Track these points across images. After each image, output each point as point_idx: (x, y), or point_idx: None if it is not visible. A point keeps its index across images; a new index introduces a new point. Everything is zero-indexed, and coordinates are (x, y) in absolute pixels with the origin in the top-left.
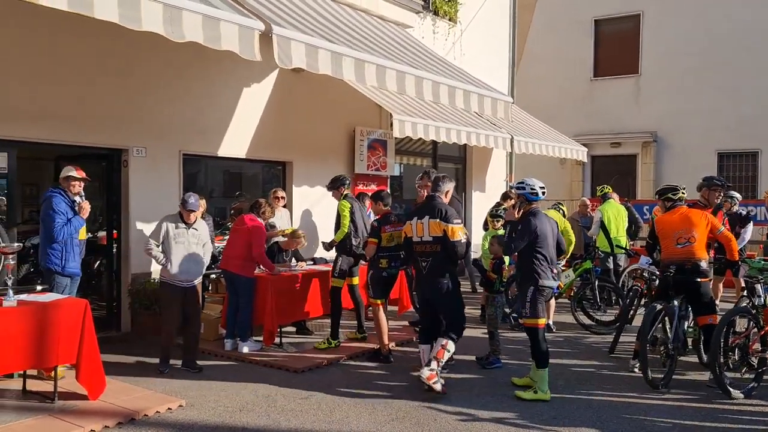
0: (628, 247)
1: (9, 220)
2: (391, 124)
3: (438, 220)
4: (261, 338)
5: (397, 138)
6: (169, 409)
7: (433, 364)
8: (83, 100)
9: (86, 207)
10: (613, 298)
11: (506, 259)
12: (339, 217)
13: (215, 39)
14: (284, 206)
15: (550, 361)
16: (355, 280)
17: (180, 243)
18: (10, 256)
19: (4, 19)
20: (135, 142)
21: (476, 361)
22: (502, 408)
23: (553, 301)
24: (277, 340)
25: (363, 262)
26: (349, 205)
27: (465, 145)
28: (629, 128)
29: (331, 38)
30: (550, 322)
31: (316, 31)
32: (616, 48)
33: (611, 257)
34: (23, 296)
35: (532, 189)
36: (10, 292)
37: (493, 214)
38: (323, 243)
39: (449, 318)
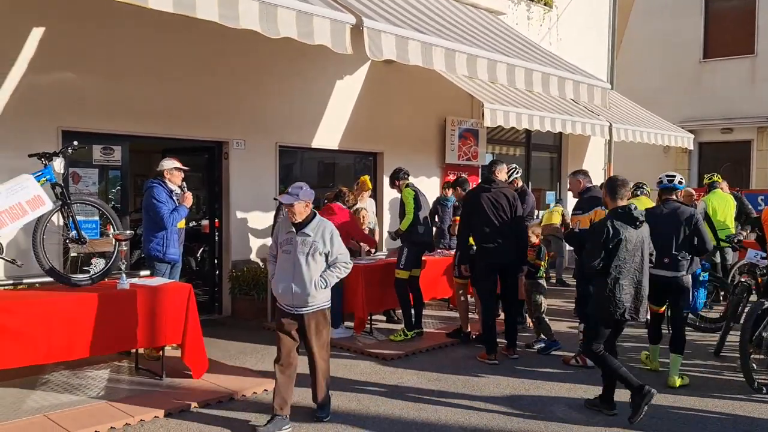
0: (738, 239)
1: (122, 209)
2: (482, 114)
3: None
4: (352, 325)
5: (489, 127)
6: (265, 390)
7: None
8: (188, 96)
9: (189, 197)
10: (721, 294)
11: None
12: (403, 206)
13: (308, 34)
14: (371, 196)
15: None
16: (417, 272)
17: (285, 252)
18: (123, 243)
19: (117, 24)
20: (235, 135)
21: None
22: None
23: None
24: (367, 327)
25: (428, 253)
26: (413, 193)
27: (560, 133)
28: (743, 113)
29: (421, 28)
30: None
31: (406, 22)
32: (730, 27)
33: (718, 251)
34: (134, 280)
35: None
36: (124, 276)
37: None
38: (389, 233)
39: None
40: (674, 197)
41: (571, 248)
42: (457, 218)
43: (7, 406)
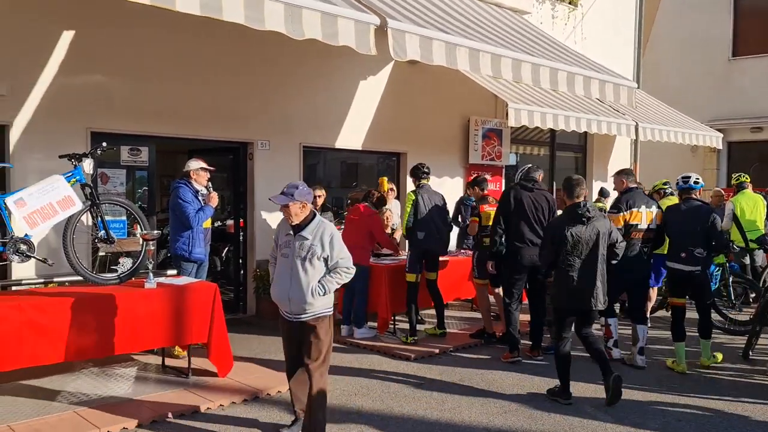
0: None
1: (149, 209)
2: (507, 113)
3: (660, 210)
4: (375, 325)
5: (513, 127)
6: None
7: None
8: (213, 97)
9: (215, 197)
10: (751, 296)
11: None
12: None
13: (333, 35)
14: (396, 197)
15: None
16: (432, 275)
17: (283, 256)
18: (151, 242)
19: (144, 27)
20: (260, 135)
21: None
22: (620, 406)
23: (653, 293)
24: (390, 327)
25: (442, 257)
26: (413, 198)
27: (585, 133)
28: None
29: (446, 28)
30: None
31: (430, 22)
32: (759, 24)
33: (747, 253)
34: (161, 279)
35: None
36: (151, 275)
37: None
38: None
39: (644, 301)
40: (694, 196)
41: None
42: (475, 219)
43: (38, 402)
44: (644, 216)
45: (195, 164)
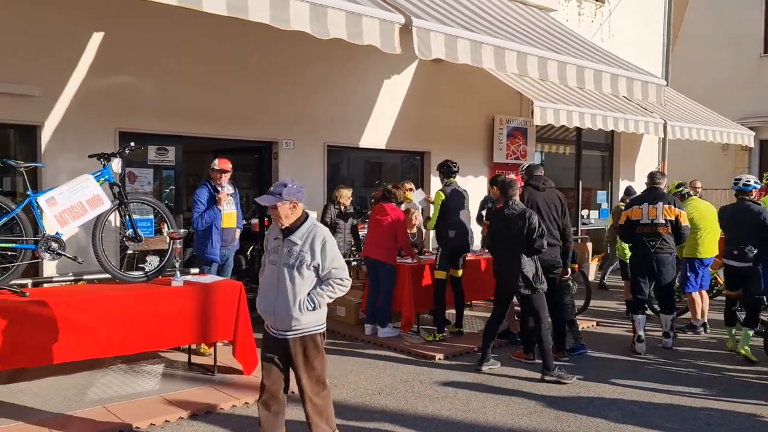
0: None
1: (175, 208)
2: (532, 112)
3: (672, 206)
4: (399, 325)
5: (539, 126)
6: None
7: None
8: (239, 97)
9: (223, 198)
10: None
11: None
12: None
13: (358, 35)
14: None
15: (707, 363)
16: (458, 273)
17: (271, 263)
18: (177, 241)
19: (171, 28)
20: (284, 135)
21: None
22: (648, 409)
23: (706, 297)
24: (414, 327)
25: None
26: (442, 197)
27: (612, 131)
28: None
29: (471, 27)
30: (705, 320)
31: (455, 20)
32: None
33: None
34: (188, 277)
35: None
36: (178, 273)
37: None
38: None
39: (669, 290)
40: (747, 197)
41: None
42: (486, 222)
43: (69, 398)
44: (645, 212)
45: (211, 164)
